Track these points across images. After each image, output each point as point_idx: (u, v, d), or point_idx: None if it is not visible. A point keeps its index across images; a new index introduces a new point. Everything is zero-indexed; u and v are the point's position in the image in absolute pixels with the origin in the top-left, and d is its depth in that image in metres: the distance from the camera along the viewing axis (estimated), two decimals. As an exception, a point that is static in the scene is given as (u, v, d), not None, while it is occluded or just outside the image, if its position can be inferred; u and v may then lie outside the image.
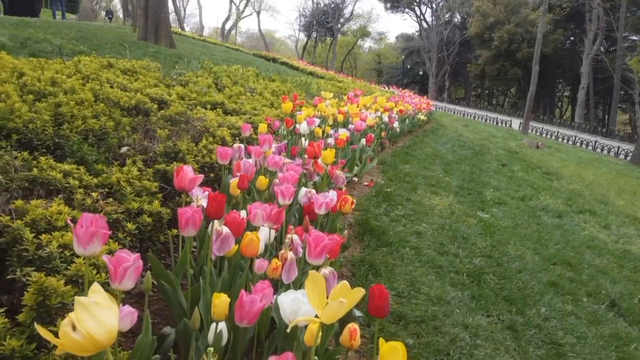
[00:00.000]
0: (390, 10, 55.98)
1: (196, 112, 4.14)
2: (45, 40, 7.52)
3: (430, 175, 6.53)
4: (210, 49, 17.61)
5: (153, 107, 3.71)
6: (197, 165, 2.76)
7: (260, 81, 7.58)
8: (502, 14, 45.69)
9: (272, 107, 5.76)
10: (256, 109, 5.18)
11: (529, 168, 10.37)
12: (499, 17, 45.76)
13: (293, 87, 8.32)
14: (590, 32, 36.97)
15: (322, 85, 10.35)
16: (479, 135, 16.21)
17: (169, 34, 12.89)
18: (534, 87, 27.34)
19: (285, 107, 4.66)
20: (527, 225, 5.37)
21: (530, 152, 14.47)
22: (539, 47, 27.14)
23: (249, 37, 68.78)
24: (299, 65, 20.98)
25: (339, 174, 3.10)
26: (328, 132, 4.98)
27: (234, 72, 7.53)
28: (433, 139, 10.67)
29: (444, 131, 13.33)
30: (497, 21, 45.75)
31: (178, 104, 4.08)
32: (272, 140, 2.64)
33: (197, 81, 5.63)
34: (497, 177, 7.96)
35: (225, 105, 4.99)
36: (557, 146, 20.73)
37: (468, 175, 7.37)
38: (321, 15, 58.35)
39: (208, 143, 3.17)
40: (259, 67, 9.54)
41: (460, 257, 3.69)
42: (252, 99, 5.92)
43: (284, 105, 4.68)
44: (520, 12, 45.53)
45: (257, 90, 6.61)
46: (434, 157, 8.27)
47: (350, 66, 63.60)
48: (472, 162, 8.83)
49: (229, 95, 5.67)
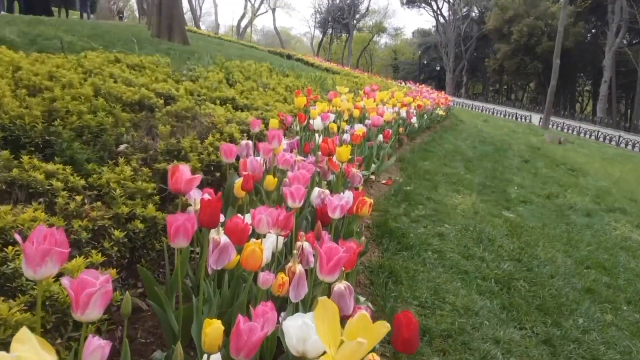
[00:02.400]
0: (407, 6, 55.31)
1: (204, 108, 3.92)
2: (55, 37, 7.39)
3: (451, 173, 6.23)
4: (225, 47, 17.46)
5: (159, 102, 3.51)
6: (201, 164, 2.53)
7: (273, 76, 7.35)
8: (522, 7, 44.78)
9: (285, 103, 5.52)
10: (268, 105, 4.95)
11: (552, 164, 9.98)
12: (518, 10, 44.87)
13: (307, 82, 8.08)
14: (613, 24, 35.96)
15: (338, 81, 10.09)
16: (499, 130, 15.77)
17: (183, 31, 12.74)
18: (555, 81, 26.67)
19: (299, 102, 4.42)
20: (556, 225, 5.05)
21: (553, 147, 14.01)
22: (560, 41, 26.47)
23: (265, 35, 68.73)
24: (315, 61, 20.71)
25: (355, 172, 2.85)
26: (343, 127, 4.73)
27: (247, 67, 7.31)
28: (452, 135, 10.34)
29: (463, 127, 12.96)
30: (516, 14, 44.85)
31: (186, 100, 3.87)
32: (282, 136, 2.40)
33: (208, 76, 5.42)
34: (520, 174, 7.62)
35: (237, 101, 4.77)
36: (579, 141, 20.13)
37: (490, 172, 7.05)
38: (337, 12, 57.95)
39: (215, 140, 2.94)
40: (272, 63, 9.32)
41: (487, 261, 3.41)
42: (265, 94, 5.69)
43: (297, 100, 4.44)
44: (540, 5, 44.56)
45: (270, 86, 6.39)
46: (454, 153, 7.96)
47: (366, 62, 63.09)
48: (493, 158, 8.49)
49: (240, 91, 5.45)
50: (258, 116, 4.24)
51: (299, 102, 4.39)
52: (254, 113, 4.34)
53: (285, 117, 4.29)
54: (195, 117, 3.54)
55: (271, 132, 2.43)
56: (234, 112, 4.07)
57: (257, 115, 4.25)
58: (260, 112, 4.51)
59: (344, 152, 2.74)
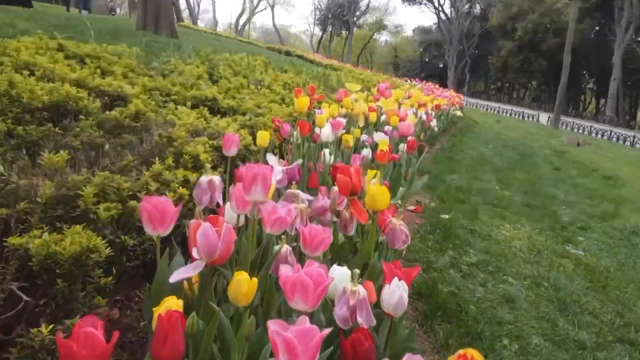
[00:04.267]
0: (408, 2, 54.10)
1: (167, 113, 2.76)
2: (10, 25, 6.23)
3: (486, 189, 5.08)
4: (221, 42, 16.25)
5: (92, 106, 2.34)
6: (106, 243, 1.32)
7: (269, 72, 6.19)
8: (526, 4, 43.66)
9: (283, 104, 4.36)
10: (261, 107, 3.78)
11: (585, 171, 8.84)
12: (522, 6, 43.75)
13: (309, 79, 6.92)
14: (623, 20, 34.76)
15: (343, 78, 8.93)
16: (515, 132, 14.64)
17: (171, 24, 11.56)
18: (565, 79, 25.51)
19: (300, 103, 3.25)
20: (632, 263, 3.90)
21: (576, 151, 12.86)
22: (571, 36, 25.36)
23: (264, 33, 67.45)
24: (315, 58, 19.53)
25: (396, 225, 1.68)
26: (358, 136, 3.58)
27: (238, 61, 6.14)
28: (471, 138, 9.18)
29: (479, 128, 11.81)
30: (520, 11, 43.73)
31: (140, 101, 2.71)
32: (269, 177, 1.21)
33: (184, 71, 4.26)
34: (559, 186, 6.48)
35: (218, 102, 3.61)
36: (596, 142, 18.95)
37: (528, 186, 5.90)
38: (337, 8, 56.78)
39: (164, 169, 1.78)
40: (269, 58, 8.15)
41: (588, 346, 2.25)
42: (257, 93, 4.53)
43: (299, 102, 3.28)
44: (546, 1, 43.42)
45: (265, 83, 5.22)
46: (481, 162, 6.81)
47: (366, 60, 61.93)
48: (523, 166, 7.35)
49: (225, 89, 4.29)
50: (244, 124, 3.07)
51: (301, 104, 3.22)
52: (240, 119, 3.18)
53: (281, 124, 3.13)
54: (148, 128, 2.38)
55: (250, 170, 1.24)
56: (210, 119, 2.90)
57: (244, 123, 3.09)
58: (248, 117, 3.35)
59: (379, 195, 1.58)
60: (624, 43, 34.51)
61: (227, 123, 2.89)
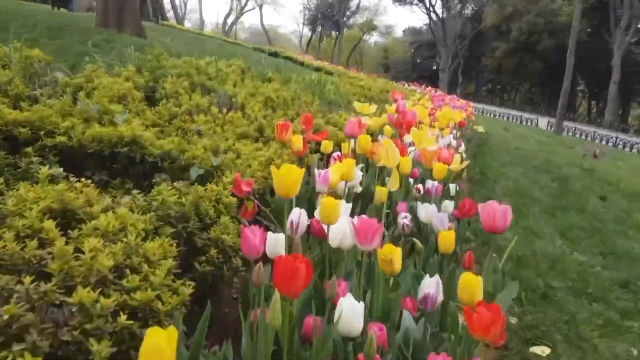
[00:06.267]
0: (398, 3, 52.71)
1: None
2: None
3: (554, 256, 3.56)
4: (201, 42, 14.55)
5: None
6: None
7: (246, 82, 4.58)
8: (521, 3, 42.49)
9: (260, 141, 2.78)
10: (218, 155, 2.22)
11: (631, 199, 7.36)
12: (517, 6, 42.59)
13: (300, 89, 5.34)
14: (623, 21, 33.60)
15: (340, 85, 7.35)
16: (527, 143, 13.18)
17: (137, 21, 9.91)
18: (568, 81, 24.16)
19: (293, 147, 1.67)
20: None
21: (599, 165, 11.40)
22: (575, 36, 24.01)
23: (252, 33, 65.66)
24: (304, 59, 17.95)
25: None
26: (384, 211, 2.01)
27: (203, 68, 4.53)
28: (493, 158, 7.67)
29: (493, 142, 10.30)
30: (515, 11, 42.59)
31: None
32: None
33: (104, 86, 2.64)
34: (625, 230, 4.97)
35: (143, 146, 2.03)
36: (608, 151, 17.53)
37: (597, 237, 4.40)
38: (326, 9, 55.28)
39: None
40: (249, 60, 6.54)
41: None
42: (223, 119, 2.95)
43: (293, 145, 1.69)
44: (541, 1, 42.31)
45: (238, 101, 3.64)
46: (522, 197, 5.29)
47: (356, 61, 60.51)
48: (568, 200, 5.83)
49: (169, 116, 2.70)
50: (167, 213, 1.48)
51: (294, 147, 1.63)
52: (163, 197, 1.58)
53: (245, 210, 1.57)
54: None
55: None
56: (98, 200, 1.32)
57: (165, 211, 1.49)
58: (185, 183, 1.76)
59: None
60: (624, 45, 33.37)
61: (124, 220, 1.29)
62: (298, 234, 1.48)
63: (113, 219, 1.26)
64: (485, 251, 3.26)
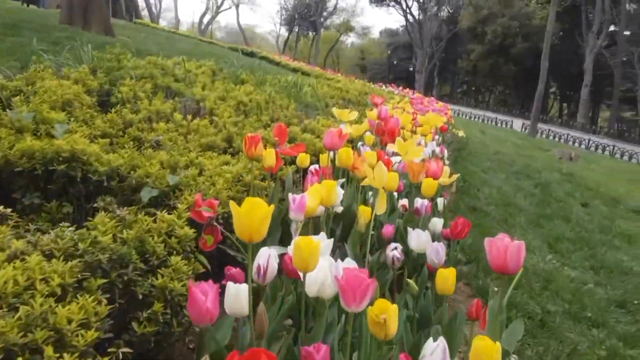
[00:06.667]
0: (375, 4, 52.72)
1: None
2: None
3: (545, 271, 3.33)
4: (174, 41, 14.04)
5: None
6: None
7: (216, 85, 4.25)
8: (496, 7, 42.97)
9: (228, 152, 2.48)
10: (179, 168, 1.91)
11: (611, 205, 7.28)
12: (492, 9, 43.05)
13: (275, 91, 5.03)
14: (595, 25, 34.21)
15: (318, 87, 7.06)
16: (506, 147, 13.11)
17: (105, 18, 9.43)
18: (542, 85, 24.40)
19: (264, 163, 1.37)
20: None
21: (576, 169, 11.38)
22: (549, 40, 24.28)
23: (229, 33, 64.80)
24: (281, 60, 17.61)
25: None
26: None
27: (170, 68, 4.18)
28: (474, 164, 7.48)
29: (472, 145, 10.15)
30: (490, 14, 43.02)
31: None
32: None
33: (46, 90, 2.30)
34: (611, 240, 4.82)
35: (88, 163, 1.71)
36: (582, 154, 17.66)
37: (585, 248, 4.21)
38: (303, 9, 54.93)
39: None
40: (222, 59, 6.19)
41: None
42: (186, 127, 2.63)
43: (264, 160, 1.40)
44: (515, 5, 42.88)
45: (206, 106, 3.31)
46: (506, 206, 5.10)
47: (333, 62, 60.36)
48: (552, 208, 5.66)
49: (124, 124, 2.37)
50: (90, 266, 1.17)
51: (266, 163, 1.33)
52: (99, 241, 1.27)
53: (204, 238, 1.26)
54: None
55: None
56: None
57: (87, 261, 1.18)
58: (133, 210, 1.46)
59: None
60: (595, 49, 33.96)
61: (33, 275, 0.98)
62: (267, 281, 1.19)
63: (18, 273, 0.94)
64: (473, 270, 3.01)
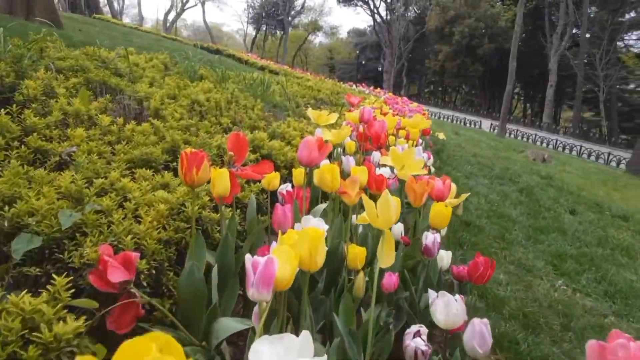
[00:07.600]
0: (343, 4, 52.39)
1: None
2: None
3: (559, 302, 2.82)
4: (131, 36, 13.13)
5: None
6: None
7: (167, 81, 3.57)
8: (463, 8, 43.21)
9: (165, 173, 1.84)
10: (82, 201, 1.26)
11: (597, 212, 6.93)
12: (459, 10, 43.25)
13: (239, 90, 4.38)
14: (559, 27, 34.74)
15: (287, 86, 6.42)
16: (482, 148, 12.78)
17: (51, 8, 8.57)
18: (511, 85, 24.41)
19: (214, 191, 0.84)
20: None
21: (552, 171, 11.11)
22: (517, 41, 24.33)
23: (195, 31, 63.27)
24: (249, 58, 16.84)
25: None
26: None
27: (112, 60, 3.49)
28: (455, 168, 6.99)
29: (449, 148, 9.70)
30: (457, 15, 43.23)
31: None
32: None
33: None
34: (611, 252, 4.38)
35: None
36: (555, 155, 17.59)
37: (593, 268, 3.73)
38: (271, 8, 54.07)
39: None
40: (173, 53, 5.47)
41: None
42: (102, 143, 1.97)
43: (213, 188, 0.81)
44: (481, 6, 43.23)
45: (150, 106, 2.64)
46: (498, 218, 4.59)
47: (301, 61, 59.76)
48: (546, 219, 5.20)
49: (18, 134, 1.70)
50: None
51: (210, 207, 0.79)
52: None
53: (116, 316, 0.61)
54: None
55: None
56: None
57: None
58: None
59: None
60: (560, 50, 34.47)
61: None
62: None
63: None
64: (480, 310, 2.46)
